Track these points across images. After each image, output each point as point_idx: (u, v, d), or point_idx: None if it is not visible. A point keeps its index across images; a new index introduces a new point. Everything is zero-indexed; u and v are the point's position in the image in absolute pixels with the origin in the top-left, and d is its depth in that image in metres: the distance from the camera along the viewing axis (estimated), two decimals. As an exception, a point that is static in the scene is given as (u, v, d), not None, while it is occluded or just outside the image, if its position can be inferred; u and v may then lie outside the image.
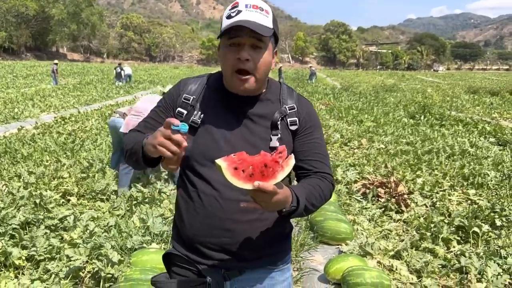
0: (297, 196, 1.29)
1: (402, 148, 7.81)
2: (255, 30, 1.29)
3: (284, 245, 1.55)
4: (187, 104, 1.46)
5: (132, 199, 4.65)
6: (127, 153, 1.44)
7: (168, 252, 1.55)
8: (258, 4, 1.35)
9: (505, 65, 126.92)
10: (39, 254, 3.25)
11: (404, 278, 3.32)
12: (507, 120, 12.60)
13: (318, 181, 1.43)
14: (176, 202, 1.55)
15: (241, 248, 1.42)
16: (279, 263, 1.52)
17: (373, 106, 14.77)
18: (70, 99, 15.65)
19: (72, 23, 75.51)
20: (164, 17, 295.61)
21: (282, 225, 1.51)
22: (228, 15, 1.35)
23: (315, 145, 1.48)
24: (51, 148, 6.94)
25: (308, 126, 1.48)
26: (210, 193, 1.40)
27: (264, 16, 1.34)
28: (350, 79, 38.20)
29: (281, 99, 1.48)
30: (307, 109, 1.50)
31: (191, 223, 1.45)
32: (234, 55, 1.34)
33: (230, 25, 1.30)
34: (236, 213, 1.39)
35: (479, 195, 5.20)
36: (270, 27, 1.34)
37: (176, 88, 1.53)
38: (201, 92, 1.49)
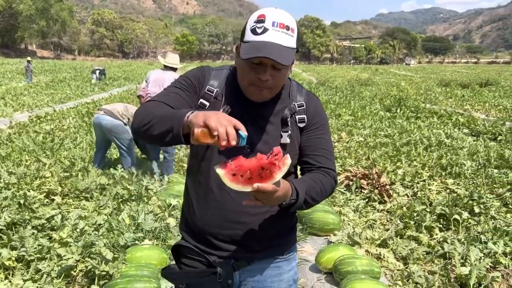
0: (297, 190, 1.33)
1: (381, 140, 7.99)
2: (277, 67, 1.32)
3: (290, 236, 1.61)
4: (210, 96, 1.46)
5: (119, 197, 4.62)
6: (158, 116, 1.28)
7: (177, 244, 1.58)
8: (285, 23, 1.33)
9: (473, 58, 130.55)
10: (29, 254, 3.20)
11: (392, 265, 3.44)
12: (478, 111, 13.00)
13: (321, 176, 1.46)
14: (186, 192, 1.57)
15: (250, 240, 1.47)
16: (286, 253, 1.58)
17: (350, 100, 15.00)
18: (44, 97, 15.28)
19: (41, 19, 73.54)
20: (136, 13, 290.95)
21: (288, 217, 1.57)
22: (253, 29, 1.33)
23: (320, 140, 1.51)
24: (29, 147, 6.79)
25: (315, 122, 1.51)
26: (222, 187, 1.41)
27: (290, 36, 1.33)
28: (325, 73, 38.62)
29: (290, 96, 1.51)
30: (315, 106, 1.53)
31: (202, 214, 1.49)
32: (255, 73, 1.34)
33: (254, 54, 1.27)
34: (247, 206, 1.42)
35: (457, 184, 5.39)
36: (293, 47, 1.35)
37: (201, 73, 1.51)
38: (224, 86, 1.49)
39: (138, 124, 1.34)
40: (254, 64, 1.33)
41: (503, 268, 3.32)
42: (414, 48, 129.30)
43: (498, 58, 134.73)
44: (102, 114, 5.44)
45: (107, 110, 5.49)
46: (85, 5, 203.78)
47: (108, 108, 5.55)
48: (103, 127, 5.48)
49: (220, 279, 1.45)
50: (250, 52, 1.28)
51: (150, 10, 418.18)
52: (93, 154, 6.11)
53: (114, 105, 5.71)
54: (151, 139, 1.33)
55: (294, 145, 1.48)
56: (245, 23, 1.39)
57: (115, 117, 5.46)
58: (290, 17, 1.35)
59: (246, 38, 1.34)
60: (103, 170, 5.65)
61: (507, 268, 3.32)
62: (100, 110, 5.55)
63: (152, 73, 5.75)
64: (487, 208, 4.43)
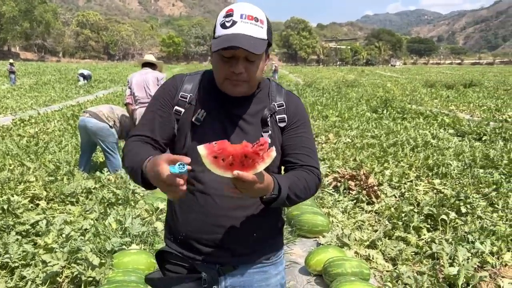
0: (280, 184, 1.31)
1: (368, 141, 8.03)
2: (250, 59, 1.33)
3: (277, 240, 1.58)
4: (184, 102, 1.46)
5: (105, 201, 4.56)
6: (128, 169, 1.40)
7: (161, 250, 1.55)
8: (253, 14, 1.34)
9: (457, 59, 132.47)
10: (13, 261, 3.14)
11: (381, 266, 3.45)
12: (463, 112, 13.17)
13: (304, 173, 1.44)
14: (168, 200, 1.55)
15: (235, 244, 1.45)
16: (272, 257, 1.55)
17: (336, 102, 15.07)
18: (28, 100, 15.07)
19: (25, 21, 72.65)
20: (121, 14, 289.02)
21: (274, 220, 1.55)
22: (223, 23, 1.34)
23: (302, 139, 1.50)
24: (13, 151, 6.67)
25: (296, 121, 1.50)
26: (205, 191, 1.41)
27: (259, 27, 1.34)
28: (312, 75, 38.79)
29: (270, 96, 1.51)
30: (295, 105, 1.53)
31: (185, 220, 1.47)
32: (228, 67, 1.35)
33: (225, 44, 1.29)
34: (230, 210, 1.42)
35: (444, 184, 5.43)
36: (264, 39, 1.36)
37: (172, 84, 1.51)
38: (197, 90, 1.49)
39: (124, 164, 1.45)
40: (226, 58, 1.34)
41: (490, 268, 3.34)
42: (399, 50, 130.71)
43: (481, 59, 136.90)
44: (87, 116, 5.37)
45: (92, 112, 5.42)
46: (69, 7, 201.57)
47: (94, 110, 5.48)
48: (89, 130, 5.40)
49: (205, 284, 1.43)
50: (221, 44, 1.29)
51: (135, 12, 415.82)
52: (78, 158, 6.03)
53: (100, 107, 5.64)
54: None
55: (276, 145, 1.45)
56: (216, 21, 1.40)
57: (101, 119, 5.39)
58: (258, 10, 1.37)
59: (216, 34, 1.36)
60: (88, 174, 5.57)
61: (494, 267, 3.34)
62: (86, 113, 5.47)
63: (133, 78, 5.73)
64: (473, 208, 4.47)
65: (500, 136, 8.39)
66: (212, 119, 1.42)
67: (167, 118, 1.46)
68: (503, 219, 4.25)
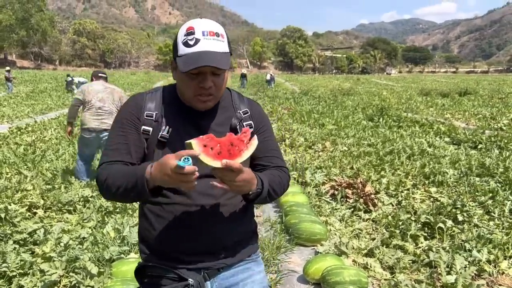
0: (261, 179, 1.41)
1: (364, 149, 8.06)
2: (217, 72, 1.37)
3: (253, 240, 1.64)
4: (150, 120, 1.47)
5: (103, 210, 4.56)
6: (119, 189, 1.35)
7: (140, 265, 1.54)
8: (214, 30, 1.38)
9: (452, 68, 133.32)
10: (11, 270, 3.13)
11: (379, 275, 3.46)
12: (458, 120, 13.25)
13: (277, 171, 1.55)
14: (143, 216, 1.53)
15: (216, 249, 1.49)
16: (253, 255, 1.61)
17: (333, 110, 15.14)
18: (24, 108, 15.06)
19: (21, 29, 72.72)
20: (118, 23, 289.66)
21: (249, 223, 1.62)
22: (185, 41, 1.36)
23: (269, 143, 1.60)
24: (10, 160, 6.66)
25: (261, 126, 1.59)
26: (181, 202, 1.44)
27: (221, 42, 1.38)
28: (308, 83, 38.95)
29: (234, 105, 1.57)
30: (258, 111, 1.61)
31: (164, 234, 1.47)
32: (196, 83, 1.38)
33: (195, 64, 1.31)
34: (208, 218, 1.45)
35: (440, 193, 5.46)
36: (227, 52, 1.40)
37: (133, 105, 1.50)
38: (160, 107, 1.50)
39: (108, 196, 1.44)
40: (193, 75, 1.37)
41: (487, 276, 3.36)
42: (394, 58, 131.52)
43: (476, 67, 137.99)
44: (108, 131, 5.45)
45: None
46: (66, 15, 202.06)
47: (111, 123, 5.49)
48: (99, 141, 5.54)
49: None
50: (189, 64, 1.32)
51: (132, 20, 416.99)
52: (76, 167, 6.02)
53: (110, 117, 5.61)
54: (127, 201, 1.45)
55: None
56: (175, 39, 1.42)
57: None
58: (217, 24, 1.41)
59: (180, 52, 1.37)
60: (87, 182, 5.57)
61: (491, 276, 3.36)
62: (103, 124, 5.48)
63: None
64: (470, 216, 4.50)
65: (496, 145, 8.45)
66: (180, 134, 1.43)
67: (138, 139, 1.46)
68: (500, 227, 4.28)
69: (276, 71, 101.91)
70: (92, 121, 5.43)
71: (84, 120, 5.47)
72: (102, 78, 5.82)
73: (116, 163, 1.42)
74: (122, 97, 5.70)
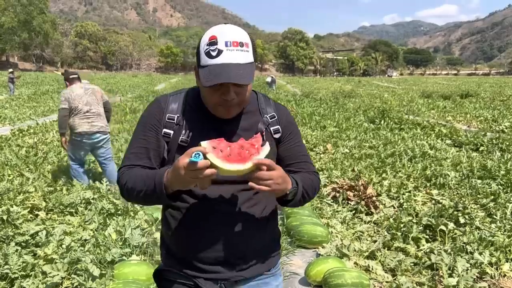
0: (294, 178, 1.38)
1: (366, 152, 8.06)
2: (240, 84, 1.29)
3: (275, 251, 1.59)
4: (172, 124, 1.44)
5: (105, 212, 4.56)
6: (139, 194, 1.36)
7: (160, 269, 1.55)
8: (238, 39, 1.31)
9: (453, 70, 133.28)
10: (13, 272, 3.13)
11: (380, 277, 3.45)
12: (460, 122, 13.24)
13: (307, 175, 1.51)
14: (165, 220, 1.53)
15: (236, 260, 1.45)
16: (272, 269, 1.56)
17: (334, 112, 15.13)
18: (26, 110, 15.10)
19: (23, 31, 72.83)
20: (120, 25, 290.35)
21: (273, 232, 1.57)
22: (207, 51, 1.31)
23: (298, 148, 1.55)
24: (12, 162, 6.67)
25: (289, 132, 1.53)
26: (203, 210, 1.42)
27: (245, 52, 1.31)
28: (309, 85, 38.98)
29: (260, 109, 1.51)
30: (286, 115, 1.55)
31: (184, 240, 1.46)
32: (219, 94, 1.33)
33: (215, 80, 1.27)
34: (229, 227, 1.42)
35: (442, 195, 5.46)
36: (252, 62, 1.34)
37: (156, 107, 1.48)
38: (183, 110, 1.47)
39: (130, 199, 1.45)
40: (216, 86, 1.31)
41: (489, 279, 3.36)
42: (396, 60, 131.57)
43: (477, 70, 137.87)
44: (101, 133, 5.56)
45: (103, 127, 5.59)
46: (68, 17, 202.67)
47: (102, 124, 5.58)
48: (98, 144, 5.58)
49: None
50: (210, 79, 1.27)
51: (134, 23, 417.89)
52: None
53: (103, 119, 5.66)
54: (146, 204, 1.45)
55: (271, 158, 1.44)
56: (198, 45, 1.37)
57: (107, 132, 5.65)
58: (241, 32, 1.33)
59: (202, 62, 1.33)
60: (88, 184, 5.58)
61: (493, 278, 3.36)
62: (94, 127, 5.50)
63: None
64: (472, 218, 4.49)
65: (497, 147, 8.44)
66: (201, 138, 1.34)
67: (158, 143, 1.45)
68: (502, 230, 4.27)
69: (277, 73, 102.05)
70: (82, 125, 5.43)
71: (74, 125, 5.44)
72: (77, 80, 5.71)
73: (135, 167, 1.42)
74: (103, 94, 5.76)
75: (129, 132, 10.23)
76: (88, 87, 5.68)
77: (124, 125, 11.38)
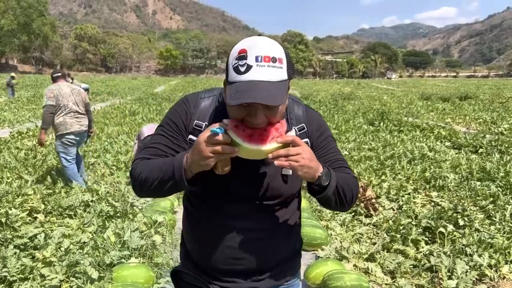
0: (328, 168, 1.28)
1: (365, 154, 8.06)
2: (268, 104, 1.14)
3: (295, 261, 1.55)
4: (199, 131, 1.35)
5: (104, 214, 4.55)
6: (154, 182, 1.29)
7: (178, 269, 1.55)
8: (270, 54, 1.17)
9: (452, 72, 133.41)
10: (12, 274, 3.12)
11: (380, 279, 3.45)
12: (459, 124, 13.25)
13: (344, 174, 1.39)
14: (184, 221, 1.52)
15: (253, 272, 1.42)
16: (290, 278, 1.52)
17: (333, 114, 15.15)
18: (25, 112, 15.08)
19: (23, 34, 72.92)
20: (119, 28, 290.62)
21: (295, 242, 1.52)
22: (236, 66, 1.18)
23: (332, 155, 1.43)
24: (11, 164, 6.67)
25: (321, 141, 1.43)
26: (218, 225, 1.38)
27: (278, 69, 1.17)
28: (309, 88, 38.99)
29: (289, 120, 1.41)
30: (316, 124, 1.44)
31: (200, 251, 1.45)
32: (245, 114, 1.21)
33: (241, 100, 1.12)
34: (249, 242, 1.38)
35: (441, 197, 5.46)
36: (285, 79, 1.20)
37: (184, 110, 1.39)
38: (212, 116, 1.38)
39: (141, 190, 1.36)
40: (243, 105, 1.19)
41: (488, 281, 3.36)
42: (395, 62, 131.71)
43: (476, 72, 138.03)
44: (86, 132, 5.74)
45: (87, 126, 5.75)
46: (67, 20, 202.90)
47: (86, 123, 5.74)
48: (81, 142, 5.81)
49: None
50: (235, 97, 1.14)
51: (133, 25, 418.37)
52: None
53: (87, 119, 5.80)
54: (161, 195, 1.36)
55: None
56: (227, 59, 1.25)
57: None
58: (274, 46, 1.20)
59: (230, 78, 1.20)
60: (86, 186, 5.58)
61: (492, 280, 3.35)
62: (82, 126, 5.65)
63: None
64: (471, 220, 4.49)
65: (496, 149, 8.44)
66: None
67: (180, 144, 1.38)
68: (501, 232, 4.27)
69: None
70: (74, 125, 5.50)
71: (65, 125, 5.44)
72: (61, 78, 5.72)
73: (151, 159, 1.36)
74: (86, 96, 5.83)
75: (128, 135, 10.21)
76: (73, 87, 5.74)
77: (123, 128, 11.36)
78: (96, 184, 5.66)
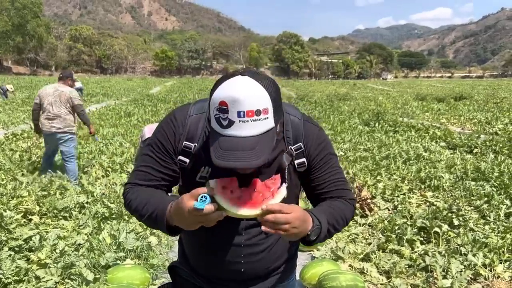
0: (315, 216, 1.22)
1: (361, 154, 8.08)
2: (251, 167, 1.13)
3: (291, 264, 1.57)
4: (188, 152, 1.32)
5: (99, 216, 4.54)
6: (142, 217, 1.30)
7: (175, 265, 1.56)
8: (253, 107, 1.07)
9: (447, 73, 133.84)
10: (6, 277, 3.11)
11: (375, 279, 3.46)
12: (454, 125, 13.31)
13: (337, 202, 1.37)
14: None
15: (250, 279, 1.44)
16: (286, 280, 1.54)
17: (329, 115, 15.18)
18: (20, 114, 15.01)
19: (17, 35, 72.64)
20: (114, 29, 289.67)
21: (290, 250, 1.51)
22: (217, 118, 1.10)
23: (330, 175, 1.38)
24: (5, 166, 6.63)
25: (319, 160, 1.36)
26: (219, 237, 1.38)
27: (263, 120, 1.09)
28: (304, 88, 39.04)
29: (285, 137, 1.33)
30: (316, 142, 1.36)
31: (199, 260, 1.46)
32: None
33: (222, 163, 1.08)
34: (245, 255, 1.39)
35: (436, 197, 5.48)
36: (271, 128, 1.12)
37: (171, 130, 1.33)
38: (202, 135, 1.32)
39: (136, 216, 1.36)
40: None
41: (483, 280, 3.38)
42: (390, 63, 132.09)
43: (471, 72, 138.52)
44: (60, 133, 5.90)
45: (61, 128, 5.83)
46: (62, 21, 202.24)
47: (60, 126, 5.82)
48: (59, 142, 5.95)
49: None
50: (220, 156, 1.08)
51: (128, 26, 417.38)
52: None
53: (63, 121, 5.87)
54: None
55: (292, 193, 1.37)
56: (209, 101, 1.16)
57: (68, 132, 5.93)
58: (257, 94, 1.09)
59: (213, 125, 1.14)
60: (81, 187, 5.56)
61: (487, 279, 3.37)
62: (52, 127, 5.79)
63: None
64: (466, 220, 4.51)
65: (491, 149, 8.49)
66: (221, 172, 1.21)
67: (170, 167, 1.36)
68: (495, 231, 4.30)
69: (272, 76, 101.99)
70: (44, 125, 5.73)
71: (42, 124, 5.79)
72: (60, 80, 5.98)
73: (141, 186, 1.35)
74: (71, 98, 5.83)
75: (123, 136, 10.18)
76: (59, 89, 5.81)
77: (118, 129, 11.33)
78: (91, 185, 5.63)
